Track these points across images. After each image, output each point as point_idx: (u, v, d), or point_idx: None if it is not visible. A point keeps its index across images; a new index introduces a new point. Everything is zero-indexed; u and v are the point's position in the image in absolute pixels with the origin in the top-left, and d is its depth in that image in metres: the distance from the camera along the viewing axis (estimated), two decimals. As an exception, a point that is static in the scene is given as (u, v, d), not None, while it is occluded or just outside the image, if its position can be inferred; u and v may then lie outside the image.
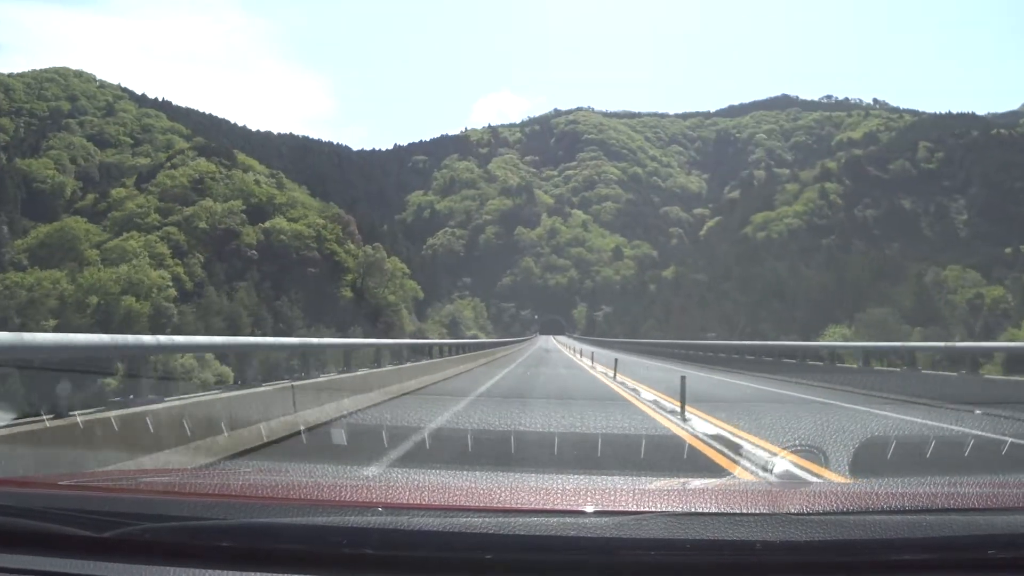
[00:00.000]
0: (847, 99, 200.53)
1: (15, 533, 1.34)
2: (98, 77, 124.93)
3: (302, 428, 6.42)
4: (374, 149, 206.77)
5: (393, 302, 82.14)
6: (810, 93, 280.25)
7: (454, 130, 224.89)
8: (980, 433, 7.04)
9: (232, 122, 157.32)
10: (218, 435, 5.32)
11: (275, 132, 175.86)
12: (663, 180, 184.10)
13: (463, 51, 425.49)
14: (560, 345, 63.02)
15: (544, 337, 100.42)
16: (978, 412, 9.19)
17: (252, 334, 48.16)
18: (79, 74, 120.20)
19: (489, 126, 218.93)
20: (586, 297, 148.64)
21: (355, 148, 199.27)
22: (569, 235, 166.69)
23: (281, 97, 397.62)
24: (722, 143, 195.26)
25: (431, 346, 19.06)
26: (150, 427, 4.50)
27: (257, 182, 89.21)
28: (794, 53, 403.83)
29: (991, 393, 10.34)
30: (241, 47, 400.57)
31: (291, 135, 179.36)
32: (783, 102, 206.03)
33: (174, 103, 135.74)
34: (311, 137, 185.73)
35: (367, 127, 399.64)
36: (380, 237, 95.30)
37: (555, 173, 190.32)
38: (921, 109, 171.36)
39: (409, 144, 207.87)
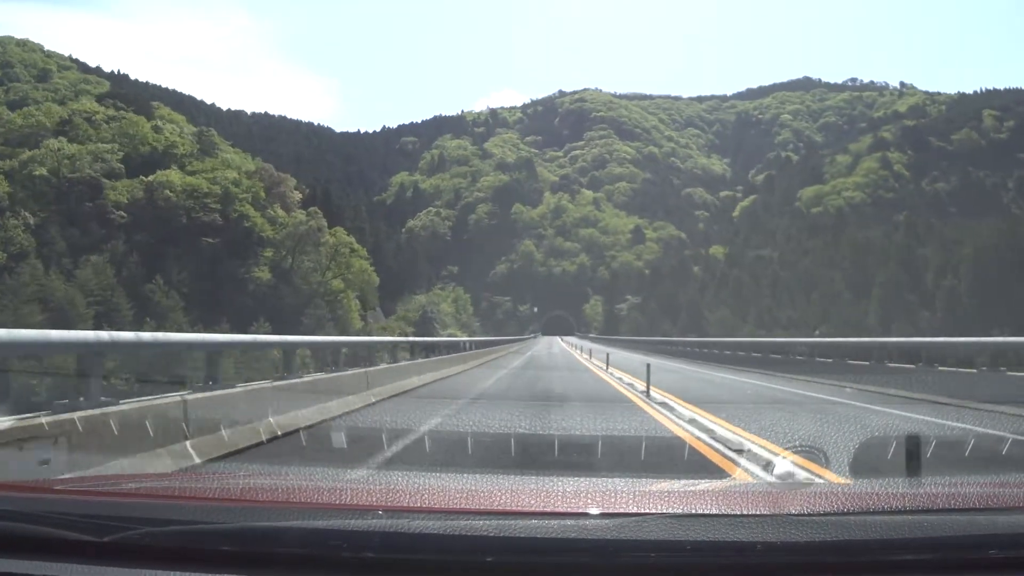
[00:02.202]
0: (872, 82, 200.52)
1: (14, 538, 1.42)
2: (46, 47, 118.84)
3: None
4: (359, 131, 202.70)
5: (338, 289, 66.92)
6: (833, 76, 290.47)
7: (449, 112, 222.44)
8: None
9: (199, 99, 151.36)
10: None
11: (248, 112, 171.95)
12: (682, 161, 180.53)
13: (464, 49, 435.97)
14: (574, 352, 43.33)
15: (547, 339, 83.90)
16: None
17: (98, 328, 31.68)
18: (23, 43, 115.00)
19: (488, 109, 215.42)
20: (601, 288, 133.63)
21: (338, 130, 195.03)
22: (577, 214, 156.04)
23: (283, 97, 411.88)
24: (743, 125, 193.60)
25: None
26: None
27: (158, 129, 71.03)
28: (813, 36, 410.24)
29: None
30: (244, 48, 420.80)
31: (265, 114, 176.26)
32: (805, 84, 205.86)
33: (131, 77, 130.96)
34: (288, 117, 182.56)
35: (365, 128, 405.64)
36: (336, 213, 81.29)
37: (560, 154, 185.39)
38: (955, 90, 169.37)
39: (399, 126, 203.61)
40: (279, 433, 7.10)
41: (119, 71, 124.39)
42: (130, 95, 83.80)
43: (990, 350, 13.05)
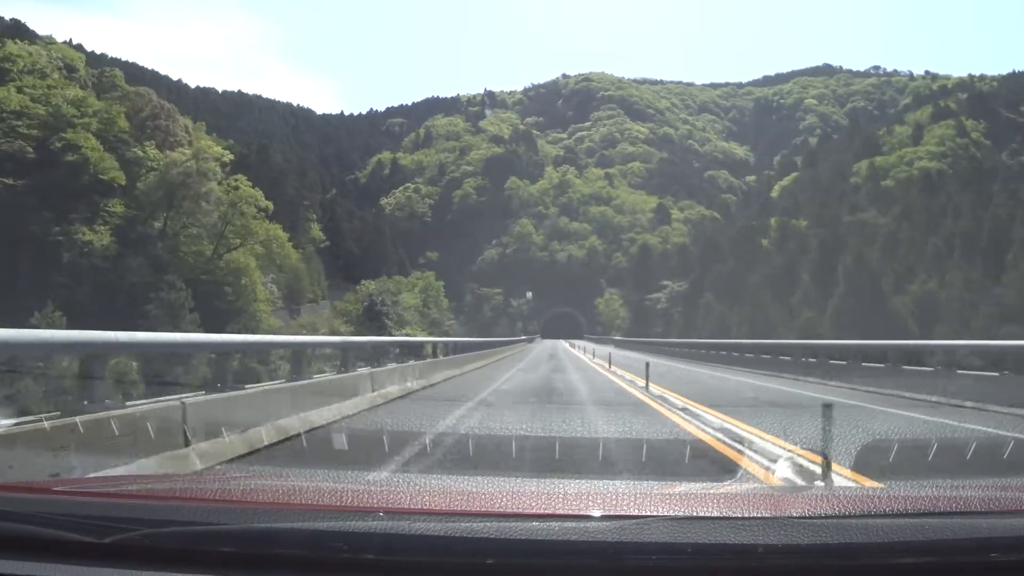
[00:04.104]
0: (896, 71, 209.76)
1: (14, 539, 1.63)
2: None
3: None
4: (343, 112, 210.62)
5: (240, 265, 56.22)
6: (854, 65, 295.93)
7: (444, 93, 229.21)
8: None
9: (162, 74, 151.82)
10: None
11: (219, 89, 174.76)
12: (700, 145, 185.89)
13: (466, 50, 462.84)
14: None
15: (548, 346, 70.39)
16: None
17: None
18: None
19: (486, 90, 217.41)
20: (618, 279, 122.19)
21: (319, 112, 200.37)
22: (586, 190, 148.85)
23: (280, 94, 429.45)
24: (763, 111, 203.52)
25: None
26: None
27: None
28: (830, 25, 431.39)
29: None
30: (245, 49, 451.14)
31: (239, 92, 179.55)
32: (827, 71, 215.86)
33: (87, 47, 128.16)
34: (264, 96, 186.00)
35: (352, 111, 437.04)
36: (277, 180, 74.84)
37: (564, 135, 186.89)
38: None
39: (387, 109, 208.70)
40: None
41: (72, 40, 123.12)
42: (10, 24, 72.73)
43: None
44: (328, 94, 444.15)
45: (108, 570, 1.56)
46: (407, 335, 56.31)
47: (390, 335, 51.33)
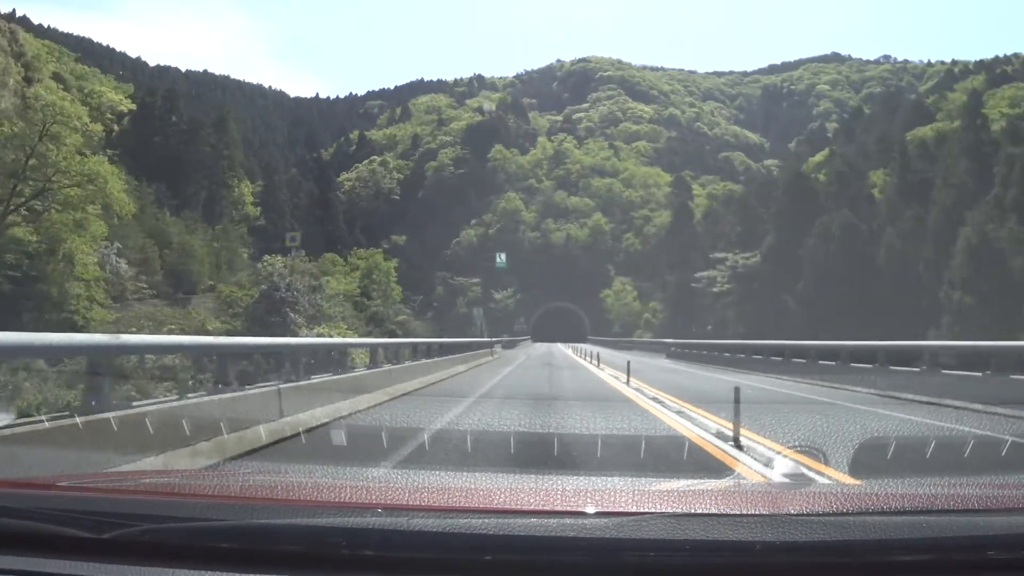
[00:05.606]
0: (907, 61, 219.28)
1: (13, 534, 1.85)
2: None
3: None
4: (317, 95, 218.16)
5: (50, 227, 42.55)
6: (864, 54, 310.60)
7: (429, 75, 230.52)
8: None
9: (119, 50, 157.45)
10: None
11: (183, 69, 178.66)
12: (710, 128, 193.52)
13: (455, 39, 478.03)
14: None
15: (538, 356, 55.07)
16: None
17: None
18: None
19: (475, 74, 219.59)
20: (631, 265, 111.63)
21: (292, 95, 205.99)
22: (588, 161, 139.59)
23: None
24: (772, 98, 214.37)
25: None
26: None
27: None
28: (839, 13, 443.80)
29: None
30: (242, 48, 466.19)
31: (205, 72, 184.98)
32: (835, 59, 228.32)
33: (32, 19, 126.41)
34: (232, 77, 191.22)
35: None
36: (190, 144, 73.12)
37: (559, 118, 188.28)
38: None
39: (367, 92, 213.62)
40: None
41: (15, 12, 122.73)
42: None
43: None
44: (315, 90, 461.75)
45: (107, 565, 1.77)
46: (323, 335, 46.71)
47: (298, 334, 43.96)
